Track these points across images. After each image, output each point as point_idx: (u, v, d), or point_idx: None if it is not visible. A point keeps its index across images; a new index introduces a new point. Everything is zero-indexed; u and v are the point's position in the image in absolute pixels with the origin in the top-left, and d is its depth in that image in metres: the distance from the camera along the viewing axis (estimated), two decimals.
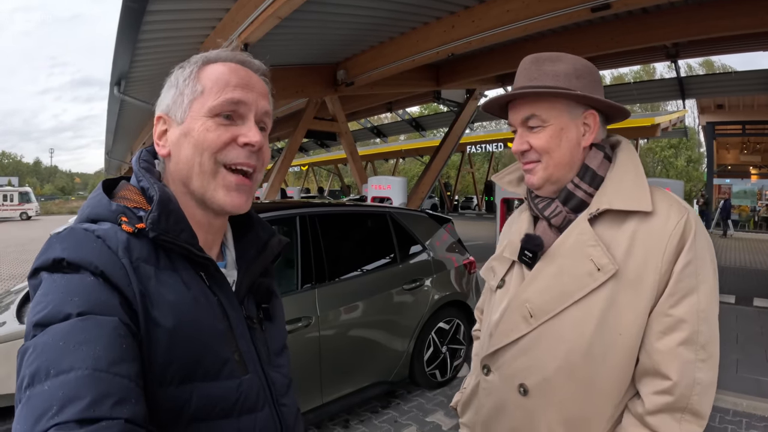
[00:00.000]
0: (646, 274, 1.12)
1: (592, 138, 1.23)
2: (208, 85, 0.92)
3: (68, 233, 0.80)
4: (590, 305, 1.15)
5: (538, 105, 1.21)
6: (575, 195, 1.23)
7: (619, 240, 1.15)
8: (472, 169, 41.43)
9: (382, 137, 26.30)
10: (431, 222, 4.88)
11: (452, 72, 10.67)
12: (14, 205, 33.11)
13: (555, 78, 1.20)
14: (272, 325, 1.06)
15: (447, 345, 4.57)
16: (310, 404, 3.50)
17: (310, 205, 4.03)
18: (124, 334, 0.71)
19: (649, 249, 1.13)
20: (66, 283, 0.73)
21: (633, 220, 1.16)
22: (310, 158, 38.22)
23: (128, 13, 5.70)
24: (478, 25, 6.71)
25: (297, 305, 3.44)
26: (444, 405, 4.23)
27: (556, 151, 1.21)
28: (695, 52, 9.14)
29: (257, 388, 0.92)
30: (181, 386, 0.80)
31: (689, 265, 1.10)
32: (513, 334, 1.26)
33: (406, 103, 15.51)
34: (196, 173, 0.91)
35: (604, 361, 1.15)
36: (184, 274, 0.87)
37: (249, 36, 5.75)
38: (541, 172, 1.23)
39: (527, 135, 1.23)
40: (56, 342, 0.66)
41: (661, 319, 1.11)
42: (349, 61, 9.62)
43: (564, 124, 1.20)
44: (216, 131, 0.90)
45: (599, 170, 1.22)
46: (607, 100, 1.21)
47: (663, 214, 1.14)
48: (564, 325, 1.18)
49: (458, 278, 4.74)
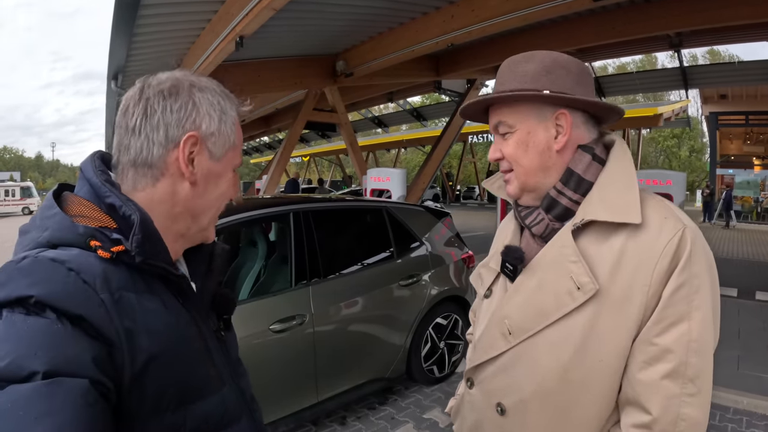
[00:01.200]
0: (633, 295, 1.00)
1: (565, 140, 1.11)
2: (236, 141, 0.95)
3: (32, 264, 0.70)
4: (569, 328, 1.05)
5: (502, 111, 1.14)
6: (559, 202, 1.12)
7: (605, 255, 1.04)
8: (474, 159, 41.39)
9: (384, 127, 26.23)
10: (429, 216, 4.83)
11: (452, 62, 10.60)
12: (16, 200, 33.14)
13: (522, 79, 1.11)
14: (231, 335, 1.05)
15: (445, 340, 4.54)
16: (306, 402, 3.47)
17: (304, 200, 3.99)
18: (93, 400, 0.64)
19: (638, 267, 1.00)
20: (29, 329, 0.64)
21: (622, 233, 1.04)
22: (311, 149, 38.14)
23: (123, 7, 5.65)
24: (477, 15, 6.63)
25: (291, 303, 3.40)
26: (442, 401, 4.20)
27: (523, 158, 1.12)
28: (698, 41, 9.05)
29: (235, 398, 0.93)
30: (176, 411, 0.79)
31: (681, 288, 0.98)
32: (492, 351, 1.19)
33: (406, 93, 15.44)
34: (210, 216, 0.95)
35: (583, 388, 1.05)
36: (162, 295, 0.84)
37: (244, 28, 5.69)
38: (514, 181, 1.16)
39: (500, 142, 1.16)
40: (15, 411, 0.58)
41: (645, 348, 1.00)
42: (349, 52, 9.55)
43: (530, 128, 1.11)
44: (235, 187, 0.97)
45: (586, 174, 1.11)
46: (581, 98, 1.08)
47: (655, 228, 1.02)
48: (540, 348, 1.09)
49: (456, 273, 4.69)
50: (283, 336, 3.26)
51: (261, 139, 30.97)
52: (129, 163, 0.87)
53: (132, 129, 0.86)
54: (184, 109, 0.87)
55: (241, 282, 3.82)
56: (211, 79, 0.95)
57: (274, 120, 19.27)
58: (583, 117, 1.13)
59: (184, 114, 0.87)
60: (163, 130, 0.86)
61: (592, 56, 10.45)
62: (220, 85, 0.95)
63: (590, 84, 1.15)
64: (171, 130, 0.86)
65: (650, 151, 46.71)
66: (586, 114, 1.14)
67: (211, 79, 0.95)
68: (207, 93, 0.90)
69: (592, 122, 1.15)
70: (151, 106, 0.86)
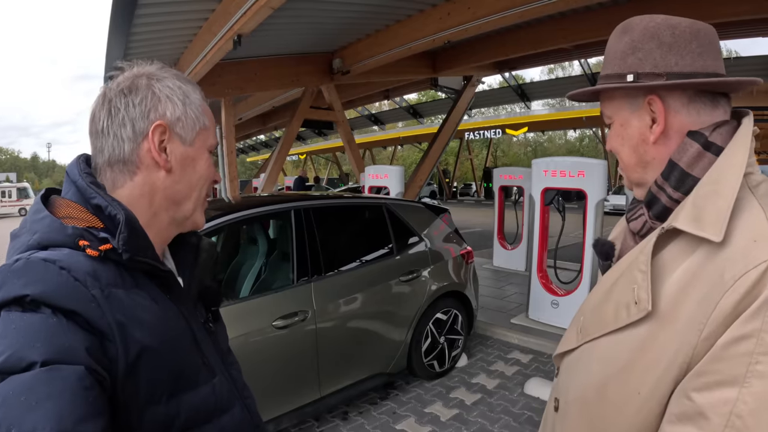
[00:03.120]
0: (687, 331, 0.79)
1: (660, 130, 0.93)
2: (207, 123, 0.97)
3: (25, 266, 0.73)
4: (621, 342, 0.90)
5: (602, 102, 1.04)
6: (658, 199, 0.95)
7: (678, 274, 0.84)
8: (470, 156, 41.44)
9: (380, 125, 26.21)
10: (428, 212, 4.86)
11: (449, 59, 10.57)
12: (13, 201, 33.00)
13: (613, 61, 0.99)
14: (219, 326, 1.08)
15: (445, 335, 4.58)
16: (309, 398, 3.51)
17: (304, 198, 4.02)
18: (89, 385, 0.67)
19: (702, 297, 0.78)
20: (26, 324, 0.67)
21: (702, 250, 0.82)
22: (308, 147, 38.11)
23: (119, 6, 5.64)
24: (474, 12, 6.63)
25: (293, 299, 3.43)
26: (442, 396, 4.24)
27: (621, 152, 1.01)
28: None
29: (227, 387, 0.96)
30: (169, 402, 0.81)
31: (745, 340, 0.72)
32: (565, 344, 1.11)
33: (403, 91, 15.41)
34: (194, 200, 0.96)
35: (618, 412, 0.89)
36: (149, 290, 0.86)
37: (242, 27, 5.68)
38: (624, 174, 1.05)
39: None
40: (17, 397, 0.61)
41: (681, 399, 0.79)
42: (345, 50, 9.53)
43: (624, 119, 0.99)
44: (212, 167, 0.99)
45: (692, 169, 0.90)
46: (660, 83, 0.91)
47: (738, 250, 0.77)
48: (594, 355, 0.97)
49: (456, 269, 4.73)
50: (286, 332, 3.29)
51: (258, 138, 30.91)
52: (105, 164, 0.90)
53: (101, 131, 0.89)
54: (145, 101, 0.89)
55: (242, 279, 3.86)
56: (168, 68, 0.97)
57: (271, 118, 19.21)
58: (687, 96, 0.92)
59: (146, 106, 0.89)
60: (130, 125, 0.88)
61: (590, 53, 10.47)
62: (179, 73, 0.97)
63: (697, 49, 0.93)
64: (137, 123, 0.88)
65: None
66: (692, 91, 0.92)
67: (169, 68, 0.97)
68: (166, 81, 0.92)
69: (708, 99, 0.93)
70: (114, 106, 0.88)
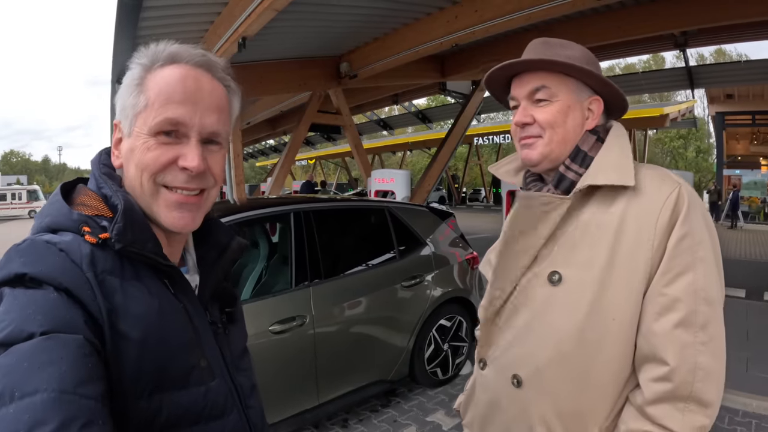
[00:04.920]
0: (638, 251, 1.06)
1: (594, 124, 1.21)
2: (151, 98, 0.86)
3: (29, 246, 0.77)
4: (582, 287, 1.11)
5: (550, 78, 1.18)
6: (566, 177, 1.19)
7: (609, 219, 1.11)
8: (480, 161, 41.29)
9: (389, 130, 26.17)
10: (433, 217, 4.78)
11: (457, 63, 10.54)
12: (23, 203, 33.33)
13: (566, 60, 1.17)
14: (235, 329, 1.05)
15: (449, 342, 4.49)
16: (306, 404, 3.44)
17: (305, 200, 3.96)
18: (89, 352, 0.69)
19: (640, 225, 1.07)
20: (28, 299, 0.70)
21: (622, 198, 1.11)
22: (317, 151, 38.15)
23: (124, 9, 5.65)
24: (481, 15, 6.59)
25: (291, 304, 3.37)
26: (445, 404, 4.16)
27: (560, 126, 1.18)
28: (705, 40, 8.91)
29: (225, 392, 0.93)
30: (151, 397, 0.79)
31: (684, 239, 1.04)
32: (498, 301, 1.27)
33: (412, 95, 15.38)
34: (139, 194, 0.88)
35: (599, 348, 1.09)
36: (149, 283, 0.85)
37: (247, 29, 5.67)
38: (541, 147, 1.20)
39: (532, 108, 1.20)
40: (20, 363, 0.64)
41: (656, 299, 1.05)
42: (353, 54, 9.51)
43: (571, 103, 1.19)
44: (156, 151, 0.85)
45: (591, 152, 1.19)
46: (617, 87, 1.20)
47: (654, 188, 1.10)
48: (555, 310, 1.14)
49: (461, 274, 4.64)
50: (283, 337, 3.23)
51: (266, 142, 31.00)
52: None
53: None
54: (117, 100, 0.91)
55: (242, 282, 3.81)
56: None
57: (280, 122, 19.27)
58: (604, 107, 1.24)
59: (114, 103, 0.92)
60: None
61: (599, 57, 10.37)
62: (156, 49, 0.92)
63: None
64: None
65: (656, 152, 46.44)
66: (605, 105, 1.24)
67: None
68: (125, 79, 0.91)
69: (605, 114, 1.26)
70: None
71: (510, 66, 1.22)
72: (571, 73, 1.18)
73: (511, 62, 1.21)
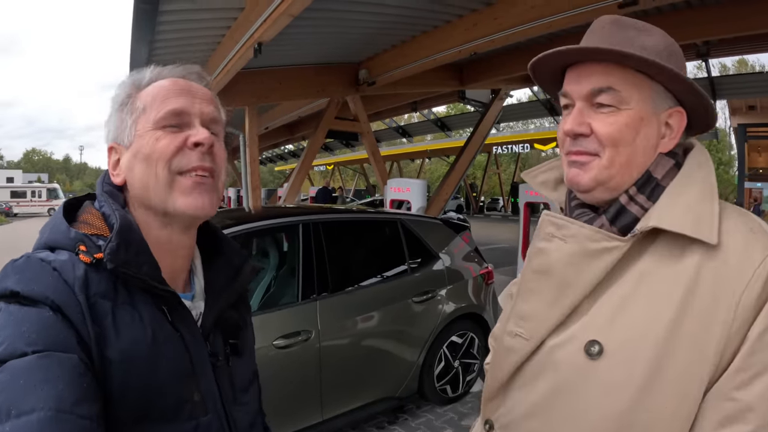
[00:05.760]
0: (711, 331, 0.78)
1: (673, 144, 0.90)
2: (148, 101, 0.89)
3: (24, 263, 0.77)
4: (628, 367, 0.84)
5: (620, 76, 0.87)
6: (629, 211, 0.89)
7: (677, 276, 0.82)
8: (498, 170, 41.09)
9: (408, 137, 26.13)
10: (447, 230, 4.66)
11: (476, 72, 10.43)
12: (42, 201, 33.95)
13: (642, 52, 0.85)
14: (240, 361, 1.00)
15: (460, 359, 4.36)
16: (309, 420, 3.36)
17: (315, 211, 3.88)
18: (83, 372, 0.69)
19: (718, 296, 0.79)
20: (23, 316, 0.70)
21: (695, 251, 0.82)
22: (335, 157, 38.25)
23: (141, 14, 5.67)
24: (501, 23, 6.48)
25: (296, 318, 3.29)
26: (454, 422, 4.03)
27: (627, 145, 0.87)
28: (727, 50, 8.70)
29: (216, 428, 0.88)
30: (135, 427, 0.77)
31: None
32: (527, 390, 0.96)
33: (431, 103, 15.32)
34: (153, 187, 0.86)
35: None
36: (143, 309, 0.82)
37: (263, 35, 5.63)
38: (596, 170, 0.89)
39: (590, 114, 0.89)
40: (16, 380, 0.63)
41: (722, 404, 0.78)
42: (371, 61, 9.46)
43: (645, 114, 0.87)
44: (165, 139, 0.86)
45: (663, 181, 0.89)
46: (708, 98, 0.88)
47: (739, 248, 0.80)
48: (591, 385, 0.86)
49: (475, 290, 4.52)
50: (287, 352, 3.14)
51: (285, 147, 31.12)
52: None
53: None
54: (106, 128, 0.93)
55: (251, 294, 3.73)
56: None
57: (299, 128, 19.31)
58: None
59: (106, 133, 0.93)
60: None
61: None
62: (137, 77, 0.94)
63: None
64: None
65: None
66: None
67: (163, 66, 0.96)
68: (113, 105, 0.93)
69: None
70: None
71: (563, 53, 0.92)
72: (650, 72, 0.87)
73: (567, 49, 0.90)
